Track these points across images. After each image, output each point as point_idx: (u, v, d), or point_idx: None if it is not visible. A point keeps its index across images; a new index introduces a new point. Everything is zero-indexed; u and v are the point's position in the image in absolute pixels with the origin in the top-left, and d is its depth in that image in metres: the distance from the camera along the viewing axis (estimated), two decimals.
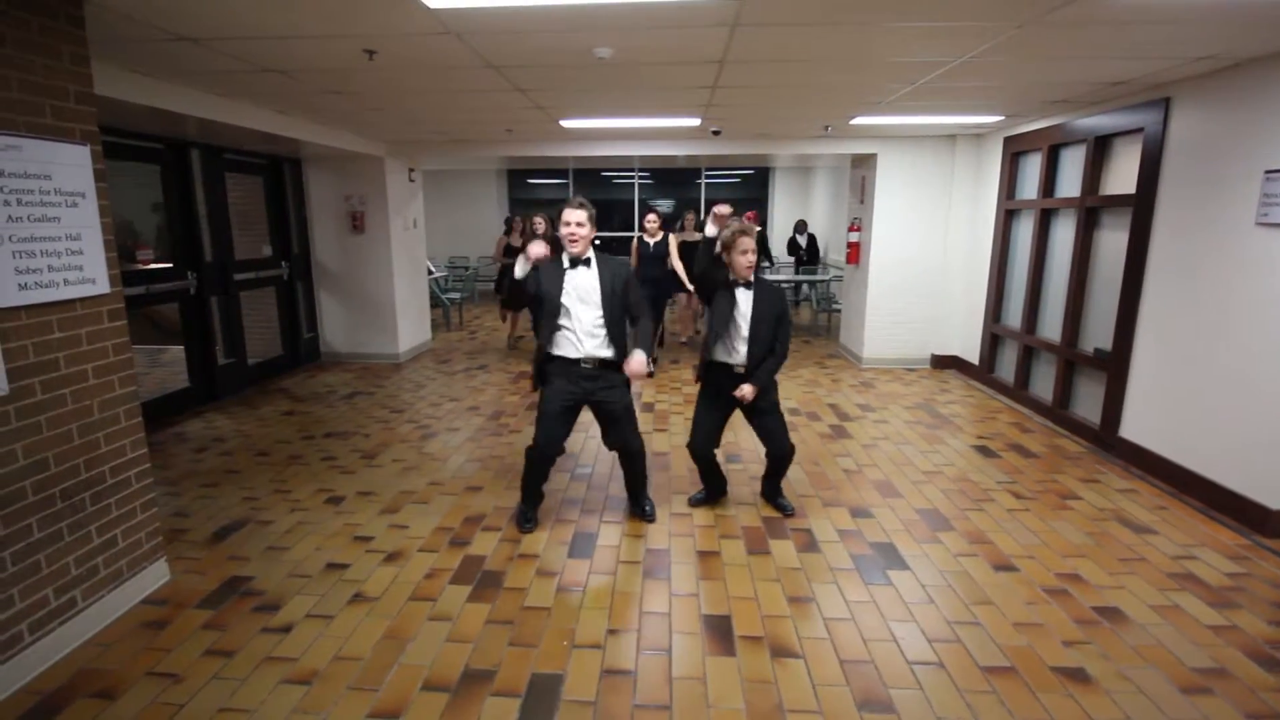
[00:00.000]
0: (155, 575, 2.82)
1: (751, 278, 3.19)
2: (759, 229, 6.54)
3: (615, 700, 2.16)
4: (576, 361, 3.06)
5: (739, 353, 3.21)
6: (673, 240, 6.72)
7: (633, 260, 6.51)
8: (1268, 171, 3.30)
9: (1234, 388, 3.48)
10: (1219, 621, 2.60)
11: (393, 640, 2.46)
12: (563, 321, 3.05)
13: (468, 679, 2.25)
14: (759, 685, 2.23)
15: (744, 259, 3.12)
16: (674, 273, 6.61)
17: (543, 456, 3.17)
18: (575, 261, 3.04)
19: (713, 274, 3.16)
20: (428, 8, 2.49)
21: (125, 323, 2.66)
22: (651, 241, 6.65)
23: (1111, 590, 2.80)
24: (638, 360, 3.05)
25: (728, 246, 3.13)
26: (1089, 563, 3.02)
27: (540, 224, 6.68)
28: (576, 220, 2.97)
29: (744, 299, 3.19)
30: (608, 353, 3.08)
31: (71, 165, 2.40)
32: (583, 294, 3.03)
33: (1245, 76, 3.45)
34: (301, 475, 4.02)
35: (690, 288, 6.09)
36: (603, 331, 3.05)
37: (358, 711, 2.10)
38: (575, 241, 2.99)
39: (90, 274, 2.48)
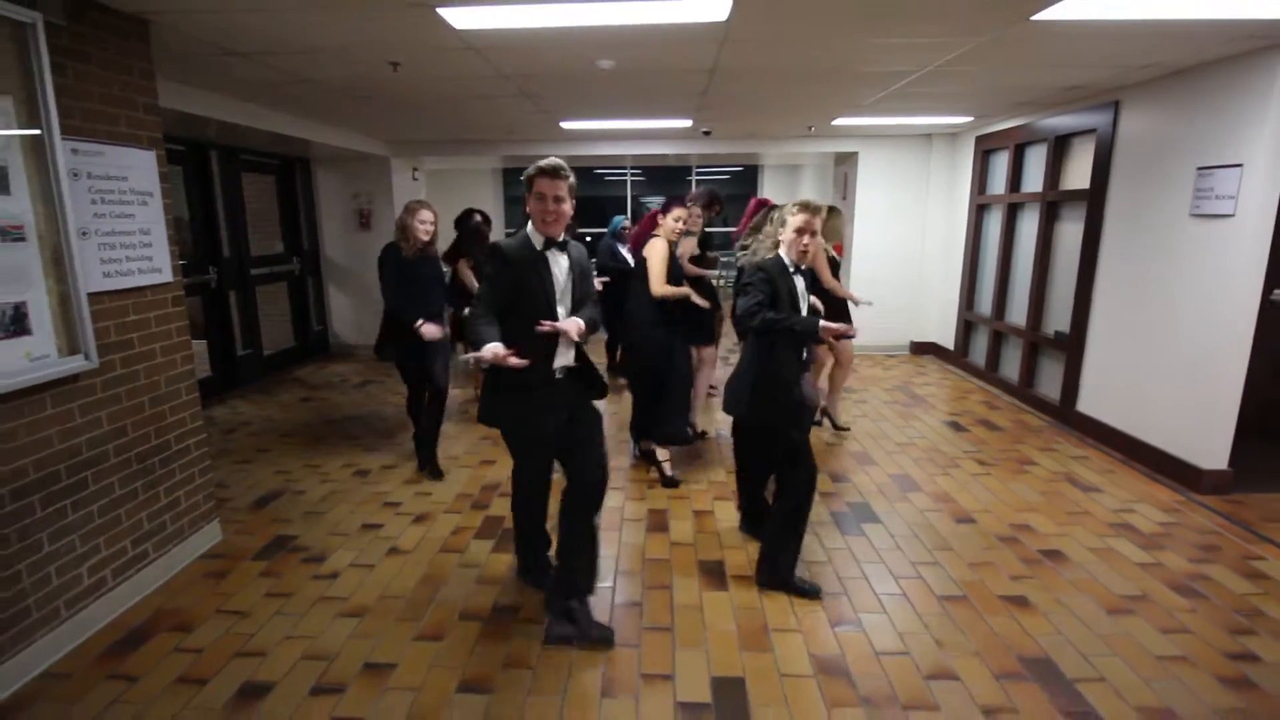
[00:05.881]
0: (210, 535, 3.15)
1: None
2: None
3: (627, 622, 2.52)
4: (550, 372, 2.37)
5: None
6: (685, 246, 4.10)
7: (658, 279, 3.62)
8: (1199, 168, 3.70)
9: (1173, 363, 3.88)
10: (1147, 560, 3.00)
11: (429, 583, 2.81)
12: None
13: (497, 611, 2.61)
14: (748, 611, 2.60)
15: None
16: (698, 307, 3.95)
17: (534, 523, 2.70)
18: (549, 244, 2.35)
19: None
20: (454, 28, 2.83)
21: (185, 308, 3.00)
22: (684, 252, 3.98)
23: (1056, 537, 3.20)
24: (571, 321, 2.34)
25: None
26: (1039, 515, 3.41)
27: (427, 224, 3.69)
28: (555, 194, 2.27)
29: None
30: (574, 359, 2.47)
31: (142, 168, 2.73)
32: (560, 285, 2.39)
33: (1183, 82, 3.84)
34: (327, 452, 4.35)
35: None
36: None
37: (406, 635, 2.46)
38: (555, 221, 2.30)
39: (158, 264, 2.81)
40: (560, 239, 2.37)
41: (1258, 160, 3.37)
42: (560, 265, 2.39)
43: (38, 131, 2.24)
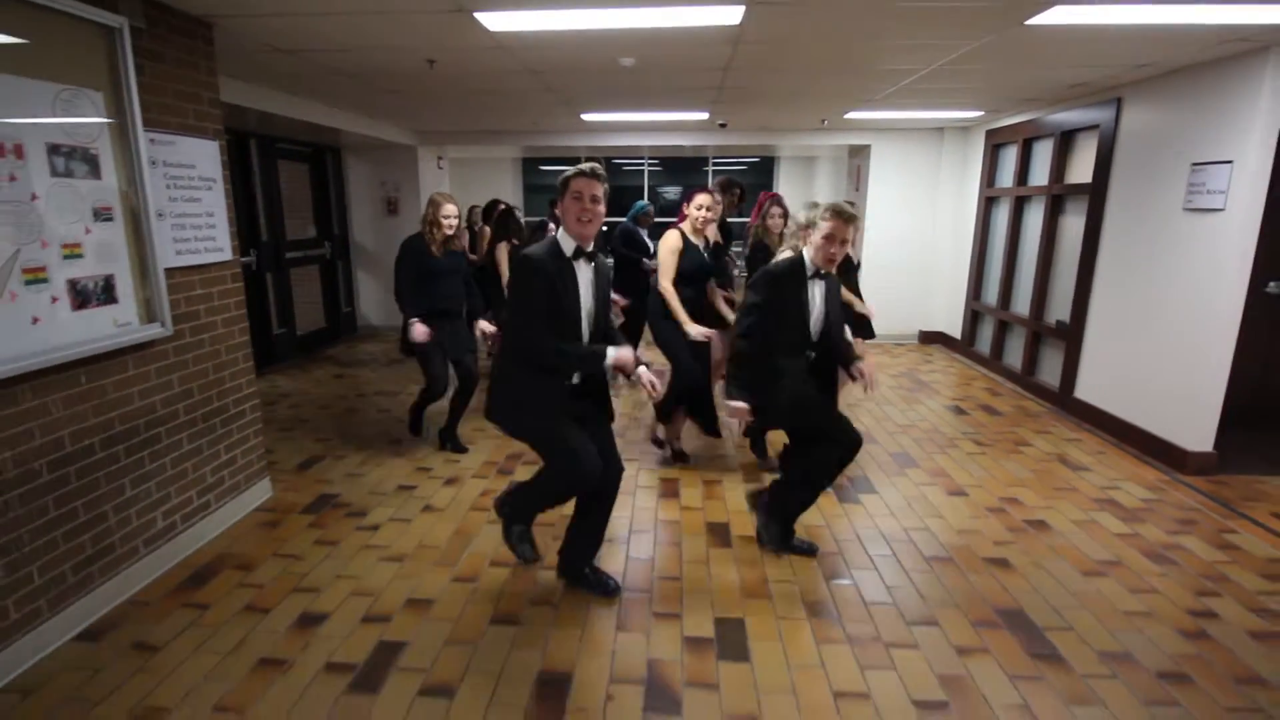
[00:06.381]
0: (262, 491, 3.47)
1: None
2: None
3: (638, 574, 2.80)
4: (560, 382, 2.41)
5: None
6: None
7: (663, 288, 3.60)
8: (1194, 164, 3.86)
9: (1164, 350, 4.06)
10: (1126, 531, 3.21)
11: (461, 535, 3.10)
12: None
13: (524, 560, 2.89)
14: (750, 565, 2.86)
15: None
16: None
17: (592, 477, 2.38)
18: (579, 253, 2.35)
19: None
20: (489, 30, 3.09)
21: (242, 284, 3.29)
22: (700, 244, 3.72)
23: (1042, 509, 3.42)
24: (626, 353, 2.38)
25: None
26: (1028, 490, 3.63)
27: (451, 217, 3.78)
28: (592, 194, 2.29)
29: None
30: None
31: (207, 157, 3.03)
32: (585, 299, 2.39)
33: (1179, 80, 4.00)
34: (362, 423, 4.67)
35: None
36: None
37: (443, 578, 2.75)
38: (591, 221, 2.31)
39: (220, 244, 3.11)
40: (589, 249, 2.36)
41: (1247, 156, 3.54)
42: (585, 277, 2.37)
43: (123, 123, 2.53)
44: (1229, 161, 3.62)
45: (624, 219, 5.77)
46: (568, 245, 2.34)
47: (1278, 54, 3.39)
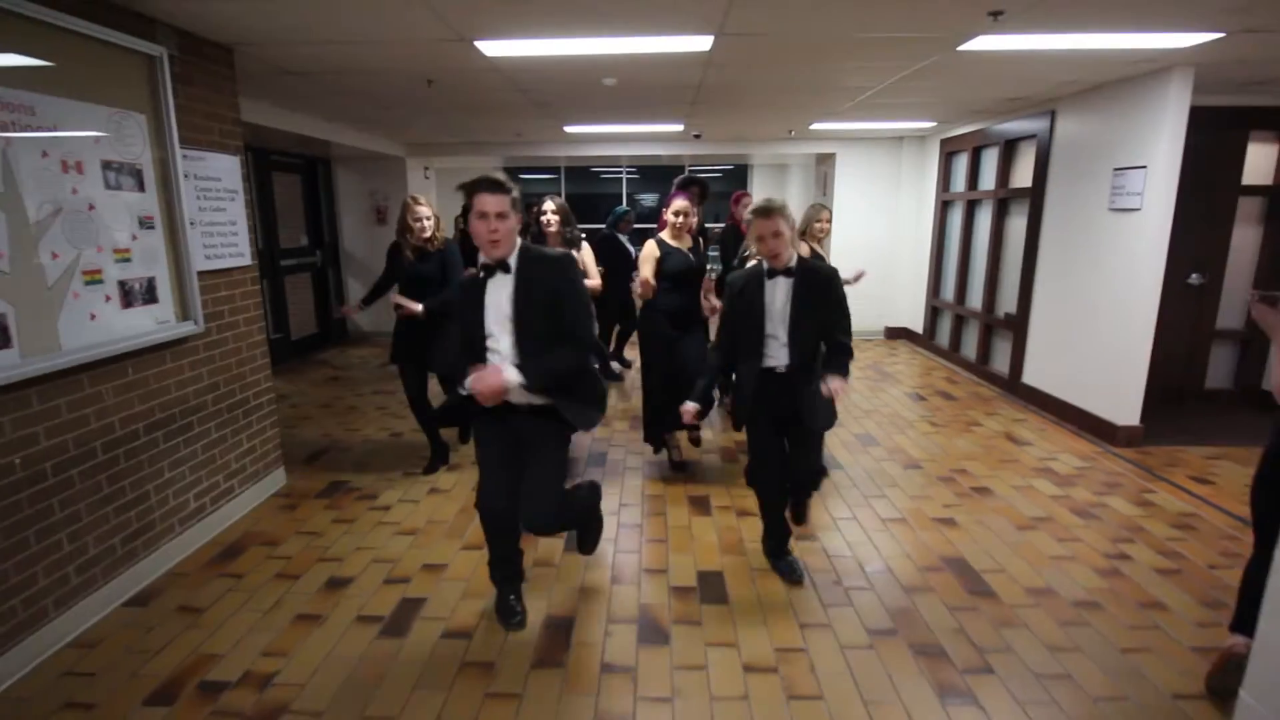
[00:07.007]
0: (278, 478, 3.75)
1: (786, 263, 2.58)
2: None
3: (628, 538, 3.14)
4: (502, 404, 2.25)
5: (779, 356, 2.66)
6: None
7: (641, 284, 3.64)
8: (1115, 168, 4.34)
9: (1095, 336, 4.52)
10: (1058, 493, 3.63)
11: (467, 513, 3.41)
12: (490, 351, 2.28)
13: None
14: (728, 530, 3.22)
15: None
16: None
17: (489, 513, 2.41)
18: (492, 268, 2.23)
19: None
20: (486, 56, 3.43)
21: (259, 287, 3.58)
22: (684, 247, 3.70)
23: (986, 478, 3.83)
24: (493, 378, 2.15)
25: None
26: (975, 463, 4.05)
27: (423, 220, 3.64)
28: (498, 210, 2.12)
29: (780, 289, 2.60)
30: (538, 398, 2.27)
31: (230, 171, 3.32)
32: (501, 313, 2.24)
33: (1102, 94, 4.48)
34: (363, 419, 4.95)
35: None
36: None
37: (453, 547, 3.07)
38: (496, 241, 2.15)
39: (241, 250, 3.40)
40: (509, 260, 2.21)
41: (1158, 161, 4.01)
42: (502, 291, 2.22)
43: (163, 141, 2.83)
44: (1143, 166, 4.09)
45: (603, 226, 5.90)
46: (484, 261, 2.23)
47: (1180, 72, 3.87)
